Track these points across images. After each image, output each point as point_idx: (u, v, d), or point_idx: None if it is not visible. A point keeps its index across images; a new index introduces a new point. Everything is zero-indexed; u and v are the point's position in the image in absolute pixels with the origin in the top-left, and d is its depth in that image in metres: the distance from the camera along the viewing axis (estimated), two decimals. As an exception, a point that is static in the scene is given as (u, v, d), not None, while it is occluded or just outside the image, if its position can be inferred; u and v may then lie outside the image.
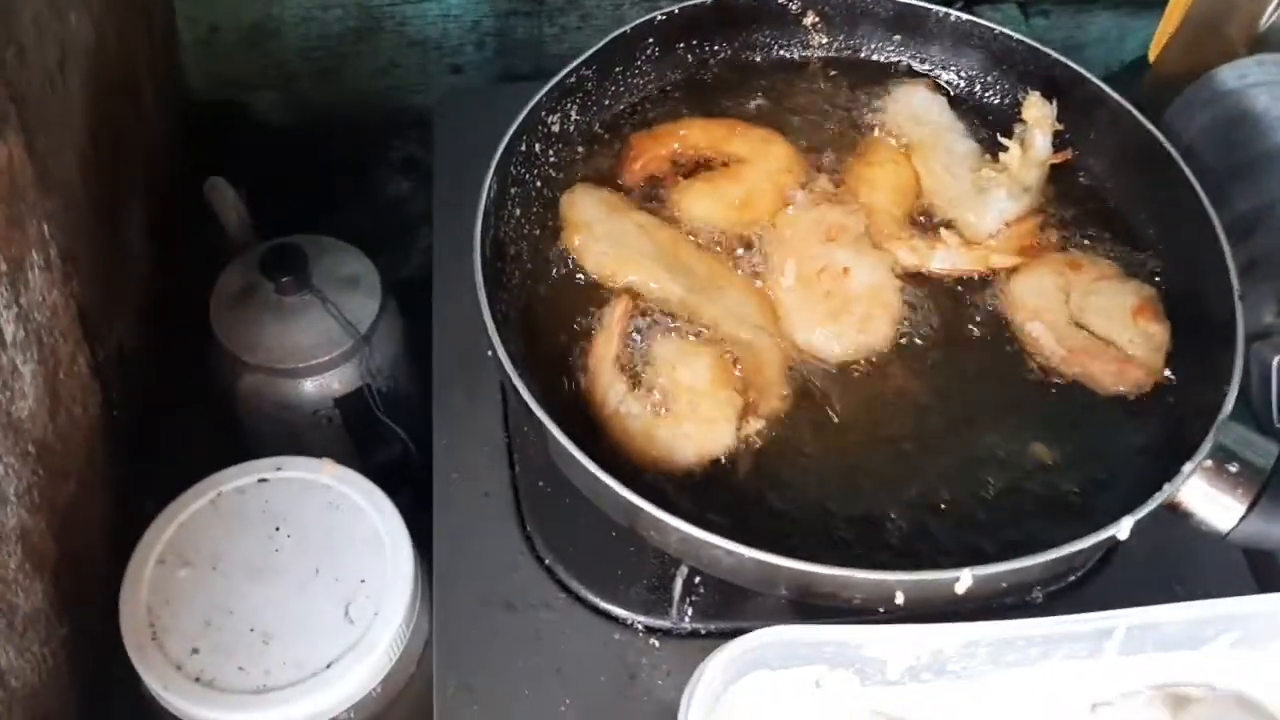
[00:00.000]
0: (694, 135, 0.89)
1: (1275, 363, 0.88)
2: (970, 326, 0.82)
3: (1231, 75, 0.88)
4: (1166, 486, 0.68)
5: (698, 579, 0.78)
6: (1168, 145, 0.83)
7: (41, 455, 0.76)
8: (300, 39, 1.24)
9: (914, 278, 0.84)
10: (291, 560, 0.80)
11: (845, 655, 0.63)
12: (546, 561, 0.80)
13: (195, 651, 0.77)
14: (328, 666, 0.76)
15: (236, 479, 0.84)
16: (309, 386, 0.99)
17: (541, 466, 0.83)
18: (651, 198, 0.87)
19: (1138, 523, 0.66)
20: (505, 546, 0.81)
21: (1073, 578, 0.80)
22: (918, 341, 0.81)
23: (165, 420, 0.99)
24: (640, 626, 0.78)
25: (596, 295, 0.81)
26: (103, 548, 0.86)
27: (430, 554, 0.81)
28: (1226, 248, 0.78)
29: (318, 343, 0.97)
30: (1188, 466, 0.68)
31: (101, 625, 0.80)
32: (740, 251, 0.85)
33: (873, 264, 0.84)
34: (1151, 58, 1.07)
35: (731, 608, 0.77)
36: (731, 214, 0.85)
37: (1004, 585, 0.66)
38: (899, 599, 0.65)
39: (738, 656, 0.61)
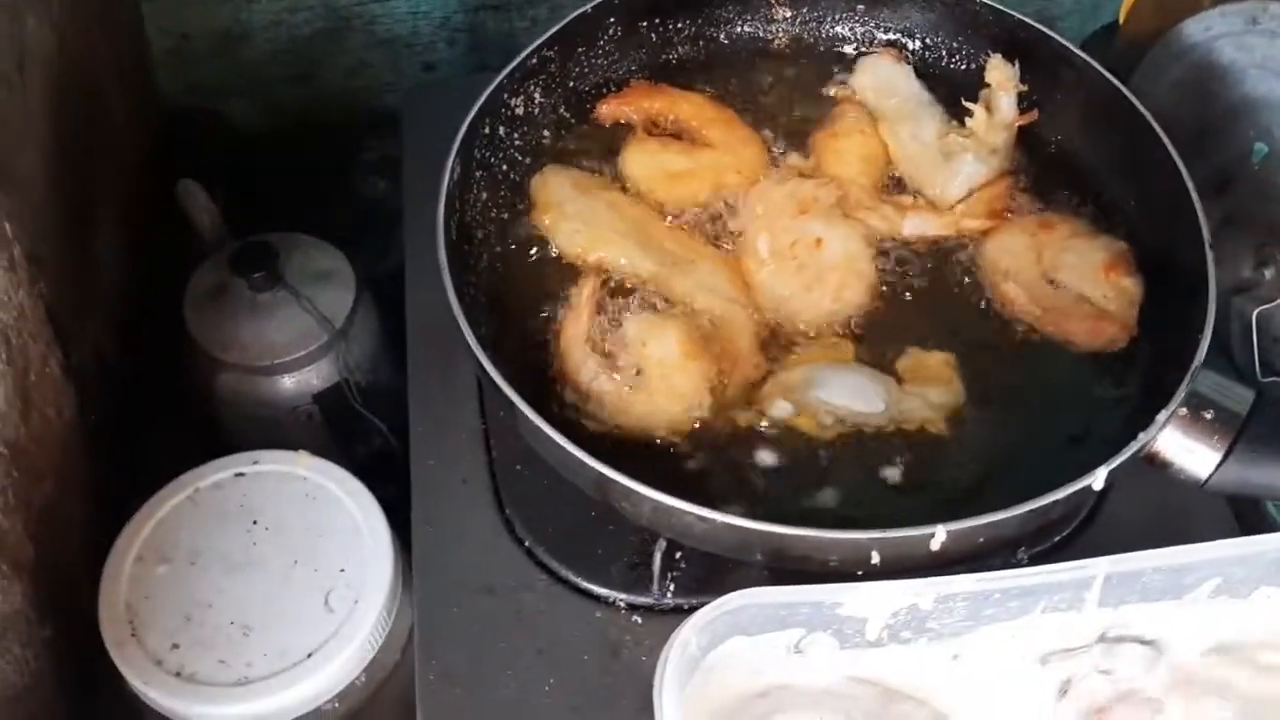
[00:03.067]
0: (686, 106, 0.90)
1: (1255, 315, 0.88)
2: (947, 289, 0.82)
3: (1197, 29, 0.88)
4: (1141, 435, 0.67)
5: (678, 554, 0.77)
6: (1134, 100, 0.83)
7: (15, 457, 0.76)
8: (270, 43, 1.24)
9: (890, 243, 0.84)
10: (270, 553, 0.80)
11: (822, 616, 0.63)
12: (526, 544, 0.80)
13: (175, 647, 0.76)
14: (309, 656, 0.76)
15: (213, 474, 0.84)
16: (287, 383, 0.98)
17: (519, 451, 0.82)
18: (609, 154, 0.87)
19: (1113, 472, 0.66)
20: (484, 531, 0.80)
21: (1057, 538, 0.80)
22: (895, 304, 0.81)
23: (143, 422, 0.98)
24: (622, 604, 0.77)
25: (566, 275, 0.81)
26: (83, 550, 0.85)
27: (410, 542, 0.81)
28: (1196, 199, 0.77)
29: (293, 339, 0.97)
30: (1162, 415, 0.68)
31: (84, 626, 0.80)
32: (711, 226, 0.85)
33: (845, 234, 0.83)
34: (1121, 20, 1.06)
35: (713, 581, 0.76)
36: (661, 182, 0.85)
37: (981, 540, 0.65)
38: (875, 559, 0.65)
39: (712, 620, 0.61)
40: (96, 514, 0.88)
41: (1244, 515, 0.82)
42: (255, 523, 0.81)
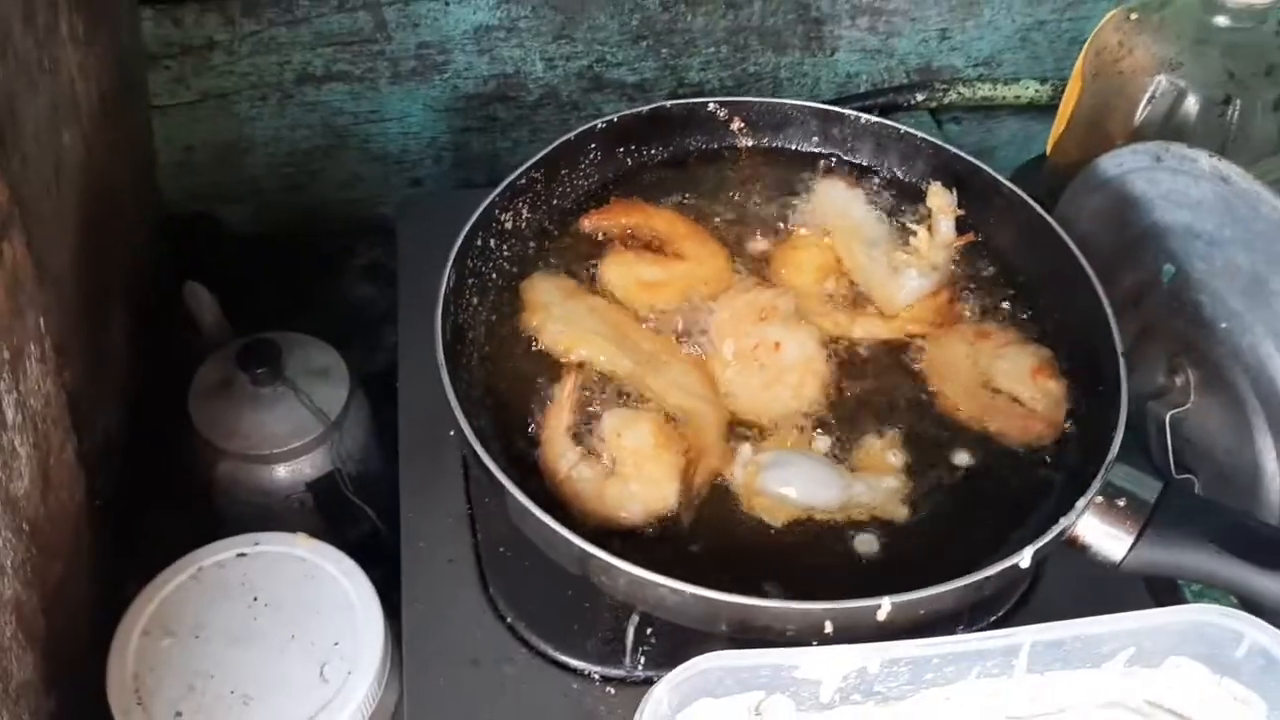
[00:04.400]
0: (660, 221, 0.99)
1: (1168, 418, 0.97)
2: (897, 386, 0.90)
3: (1110, 164, 0.98)
4: (1062, 520, 0.76)
5: (649, 629, 0.84)
6: (1057, 226, 0.93)
7: (35, 534, 0.82)
8: (270, 156, 1.33)
9: (843, 345, 0.92)
10: (269, 627, 0.86)
11: (780, 679, 0.69)
12: (508, 620, 0.86)
13: (178, 715, 0.81)
14: (304, 724, 0.81)
15: (216, 554, 0.89)
16: (282, 472, 1.05)
17: (502, 533, 0.89)
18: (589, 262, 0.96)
19: (1038, 552, 0.74)
20: (469, 608, 0.87)
21: (993, 618, 0.87)
22: (850, 399, 0.89)
23: (145, 507, 1.04)
24: (597, 676, 0.84)
25: (550, 372, 0.89)
26: (86, 627, 0.90)
27: (400, 618, 0.87)
28: (1111, 315, 0.87)
29: (290, 430, 1.04)
30: (1080, 502, 0.76)
31: (88, 697, 0.85)
32: (683, 329, 0.93)
33: (802, 338, 0.92)
34: (1048, 152, 1.18)
35: (680, 654, 0.80)
36: (636, 291, 0.94)
37: (922, 613, 0.72)
38: (828, 628, 0.72)
39: (681, 683, 0.68)
40: (100, 590, 0.93)
41: (1161, 598, 0.90)
42: (255, 599, 0.87)
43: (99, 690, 0.85)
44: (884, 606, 0.70)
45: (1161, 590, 0.91)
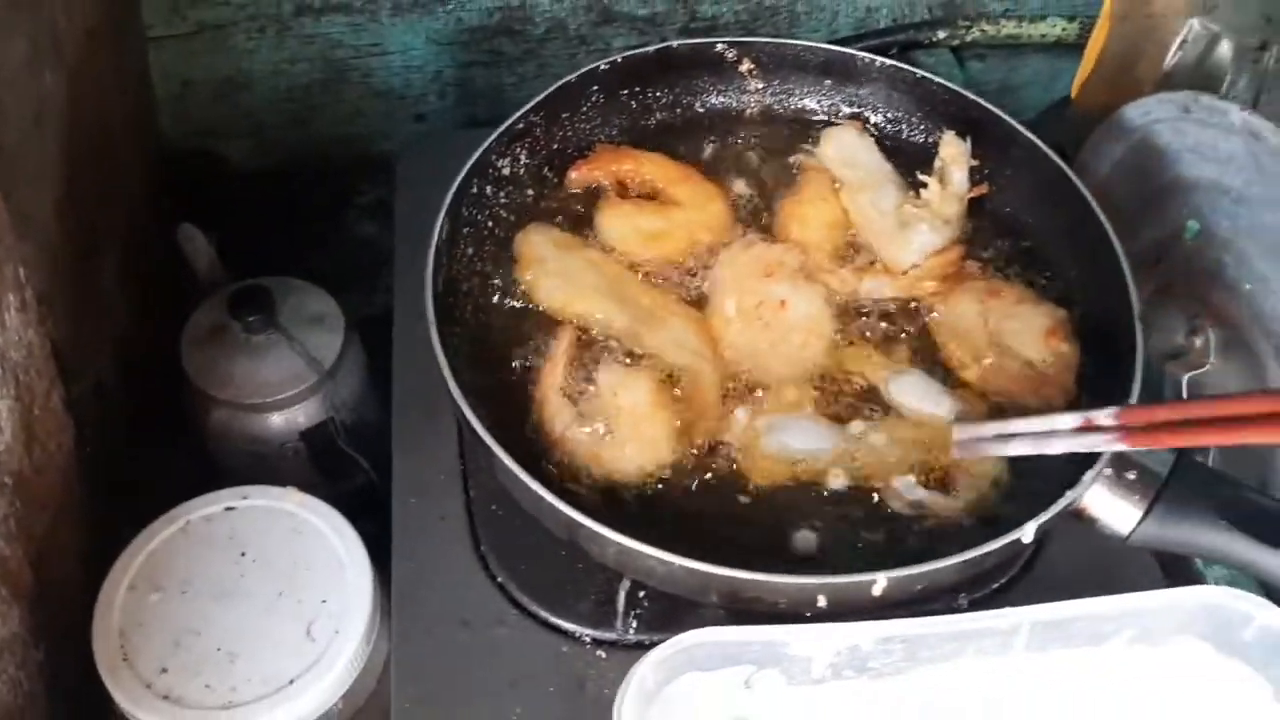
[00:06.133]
0: (650, 167, 0.95)
1: (1185, 380, 0.94)
2: (905, 347, 0.87)
3: (1136, 113, 0.94)
4: (1069, 493, 0.73)
5: (641, 593, 0.82)
6: (1075, 180, 0.89)
7: (18, 487, 0.80)
8: (270, 91, 1.30)
9: (850, 306, 0.89)
10: (257, 583, 0.84)
11: (771, 654, 0.68)
12: (499, 580, 0.84)
13: (164, 671, 0.80)
14: (291, 683, 0.80)
15: (204, 508, 0.88)
16: (276, 420, 1.03)
17: (494, 490, 0.87)
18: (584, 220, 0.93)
19: (1041, 527, 0.72)
20: (460, 567, 0.85)
21: (995, 585, 0.85)
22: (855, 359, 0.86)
23: (139, 455, 1.03)
24: (588, 639, 0.82)
25: (546, 327, 0.86)
26: (78, 576, 0.89)
27: (390, 575, 0.86)
28: (1129, 273, 0.83)
29: (284, 379, 1.02)
30: (1088, 475, 0.73)
31: (76, 650, 0.84)
32: (683, 285, 0.90)
33: (808, 296, 0.89)
34: (1073, 96, 1.13)
35: (672, 619, 0.81)
36: (637, 243, 0.91)
37: (919, 588, 0.70)
38: (821, 602, 0.70)
39: (669, 657, 0.66)
40: (92, 543, 0.92)
41: (1170, 565, 0.88)
42: (243, 554, 0.86)
43: (90, 637, 0.84)
44: (879, 582, 0.68)
45: (1169, 556, 0.88)
